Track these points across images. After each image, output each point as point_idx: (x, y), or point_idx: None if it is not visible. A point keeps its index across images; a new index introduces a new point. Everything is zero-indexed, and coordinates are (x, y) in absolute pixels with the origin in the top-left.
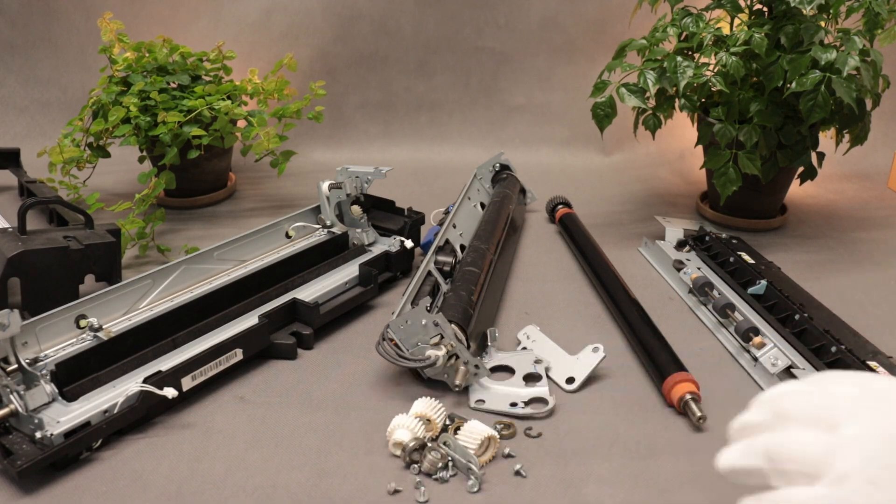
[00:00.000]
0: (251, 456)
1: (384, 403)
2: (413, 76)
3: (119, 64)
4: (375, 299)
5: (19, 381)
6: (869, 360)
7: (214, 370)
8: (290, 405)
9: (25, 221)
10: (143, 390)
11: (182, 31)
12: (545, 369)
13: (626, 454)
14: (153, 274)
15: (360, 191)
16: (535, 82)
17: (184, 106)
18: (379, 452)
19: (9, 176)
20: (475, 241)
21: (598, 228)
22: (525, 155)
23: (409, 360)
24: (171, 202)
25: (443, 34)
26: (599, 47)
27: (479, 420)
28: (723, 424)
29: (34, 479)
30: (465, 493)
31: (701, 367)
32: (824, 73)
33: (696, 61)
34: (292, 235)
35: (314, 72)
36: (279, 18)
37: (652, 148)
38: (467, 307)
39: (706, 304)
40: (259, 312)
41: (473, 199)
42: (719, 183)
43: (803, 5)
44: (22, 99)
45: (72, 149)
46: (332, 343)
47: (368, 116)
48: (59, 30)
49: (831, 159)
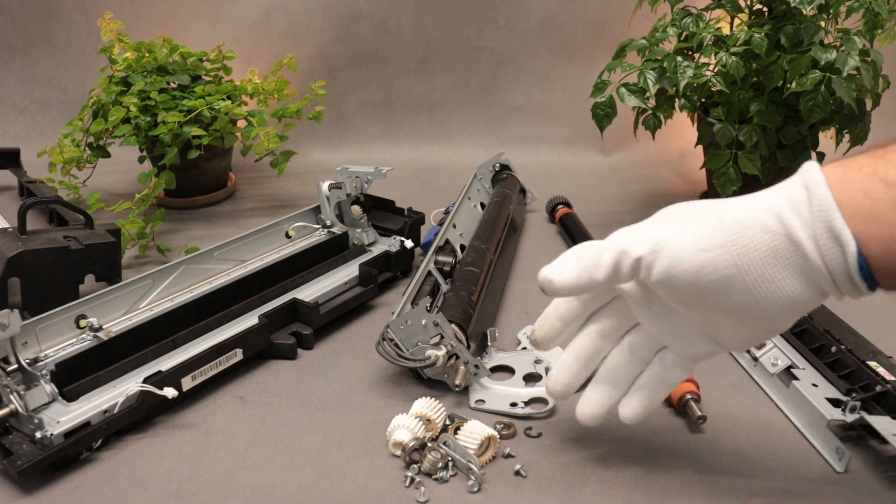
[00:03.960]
0: (251, 456)
1: (384, 403)
2: (413, 76)
3: (119, 64)
4: (375, 299)
5: (19, 381)
6: (869, 360)
7: (214, 370)
8: (290, 405)
9: (25, 221)
10: (143, 390)
11: (182, 31)
12: (545, 369)
13: (626, 454)
14: (153, 274)
15: (360, 191)
16: (535, 82)
17: (184, 106)
18: (379, 452)
19: (9, 176)
20: (475, 241)
21: (598, 228)
22: (525, 155)
23: (409, 360)
24: (171, 202)
25: (443, 34)
26: (599, 47)
27: (479, 420)
28: (723, 424)
29: (34, 479)
30: (465, 493)
31: (701, 367)
32: (824, 73)
33: (696, 61)
34: (292, 235)
35: (314, 72)
36: (279, 18)
37: (652, 148)
38: (467, 307)
39: None
40: (259, 312)
41: (473, 199)
42: (719, 183)
43: (803, 5)
44: (22, 99)
45: (72, 149)
46: (332, 343)
47: (368, 116)
48: (59, 30)
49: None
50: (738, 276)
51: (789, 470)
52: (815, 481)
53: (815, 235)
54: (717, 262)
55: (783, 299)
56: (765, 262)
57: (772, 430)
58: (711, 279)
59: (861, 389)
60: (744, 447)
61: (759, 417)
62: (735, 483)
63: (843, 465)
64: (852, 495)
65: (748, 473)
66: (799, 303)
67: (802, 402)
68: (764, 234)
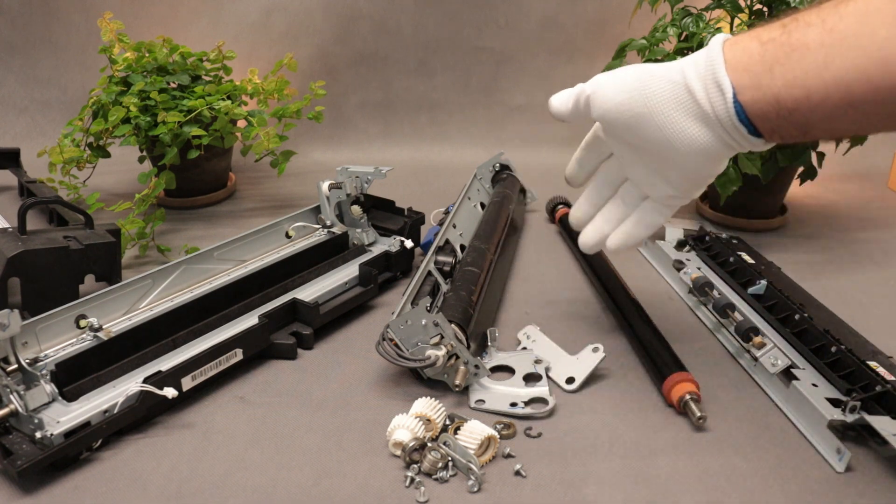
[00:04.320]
0: (251, 456)
1: (384, 403)
2: (413, 76)
3: (119, 64)
4: (375, 299)
5: (19, 381)
6: (869, 360)
7: (214, 370)
8: (290, 405)
9: (25, 221)
10: (143, 390)
11: (182, 31)
12: (545, 369)
13: (626, 454)
14: (153, 274)
15: (360, 191)
16: (535, 82)
17: (184, 106)
18: (379, 452)
19: (9, 176)
20: (475, 241)
21: None
22: (525, 155)
23: (409, 360)
24: (171, 202)
25: (443, 34)
26: (599, 47)
27: (479, 420)
28: (723, 424)
29: (34, 479)
30: (465, 493)
31: (701, 367)
32: None
33: None
34: (292, 235)
35: (314, 72)
36: (279, 18)
37: None
38: (467, 307)
39: (706, 304)
40: (259, 312)
41: (473, 199)
42: (719, 183)
43: (803, 5)
44: (22, 99)
45: (72, 149)
46: (332, 343)
47: (368, 116)
48: (59, 30)
49: (831, 159)
50: (648, 116)
51: (789, 470)
52: (815, 481)
53: (705, 85)
54: (631, 102)
55: (689, 140)
56: (668, 106)
57: (772, 430)
58: (628, 116)
59: (861, 389)
60: (744, 447)
61: (759, 417)
62: (735, 483)
63: (843, 465)
64: (852, 495)
65: (748, 473)
66: (705, 148)
67: (802, 402)
68: (668, 83)
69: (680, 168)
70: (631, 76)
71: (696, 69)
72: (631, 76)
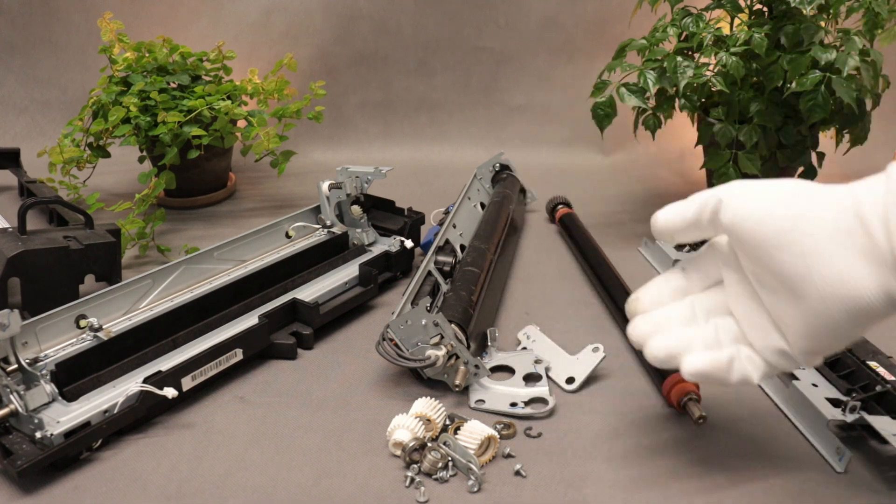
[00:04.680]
0: (251, 456)
1: (384, 403)
2: (413, 76)
3: (119, 64)
4: (375, 299)
5: (19, 381)
6: (869, 360)
7: (214, 370)
8: (290, 405)
9: (25, 221)
10: (143, 390)
11: (182, 31)
12: (545, 369)
13: (626, 454)
14: (153, 274)
15: (360, 191)
16: (535, 82)
17: (184, 106)
18: (379, 452)
19: (9, 176)
20: (475, 241)
21: (598, 228)
22: (525, 155)
23: (409, 360)
24: (171, 202)
25: (443, 34)
26: (599, 47)
27: (479, 420)
28: (723, 425)
29: (34, 479)
30: (465, 493)
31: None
32: (824, 73)
33: (696, 61)
34: (292, 235)
35: (314, 72)
36: (279, 18)
37: (652, 148)
38: (467, 307)
39: None
40: (259, 312)
41: (473, 199)
42: (719, 183)
43: (803, 5)
44: (22, 99)
45: (72, 149)
46: (332, 343)
47: (368, 116)
48: (59, 30)
49: (831, 159)
50: (793, 234)
51: (789, 470)
52: (815, 481)
53: (885, 217)
54: (776, 211)
55: (837, 278)
56: (825, 231)
57: (772, 430)
58: (769, 229)
59: (861, 389)
60: (744, 447)
61: (759, 417)
62: (735, 483)
63: (843, 465)
64: (852, 495)
65: (748, 473)
66: (856, 294)
67: (802, 402)
68: (832, 205)
69: (808, 314)
70: (783, 186)
71: (872, 197)
72: (783, 186)
